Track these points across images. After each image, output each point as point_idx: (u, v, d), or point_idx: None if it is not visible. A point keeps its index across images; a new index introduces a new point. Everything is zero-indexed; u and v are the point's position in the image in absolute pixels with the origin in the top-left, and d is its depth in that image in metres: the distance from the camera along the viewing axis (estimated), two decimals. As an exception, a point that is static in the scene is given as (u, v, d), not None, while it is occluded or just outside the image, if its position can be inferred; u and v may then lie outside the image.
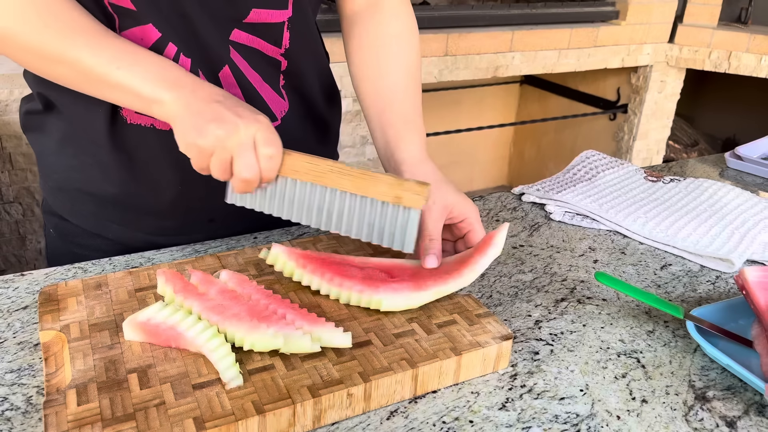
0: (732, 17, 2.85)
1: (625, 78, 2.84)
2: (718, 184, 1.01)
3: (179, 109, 0.59)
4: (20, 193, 1.63)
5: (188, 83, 0.60)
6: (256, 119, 0.58)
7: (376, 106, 0.76)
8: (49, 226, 0.84)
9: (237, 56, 0.71)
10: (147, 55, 0.61)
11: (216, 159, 0.58)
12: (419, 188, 0.58)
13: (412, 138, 0.73)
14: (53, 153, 0.77)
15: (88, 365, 0.52)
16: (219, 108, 0.58)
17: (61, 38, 0.60)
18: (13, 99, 1.54)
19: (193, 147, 0.58)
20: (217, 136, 0.57)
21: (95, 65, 0.60)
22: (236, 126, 0.57)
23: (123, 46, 0.61)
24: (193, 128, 0.58)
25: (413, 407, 0.54)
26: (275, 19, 0.71)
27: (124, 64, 0.60)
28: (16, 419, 0.50)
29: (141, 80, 0.59)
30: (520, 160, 3.48)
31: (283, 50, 0.74)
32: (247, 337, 0.53)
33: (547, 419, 0.54)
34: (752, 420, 0.55)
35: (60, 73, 0.62)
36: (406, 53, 0.77)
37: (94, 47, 0.60)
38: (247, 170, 0.58)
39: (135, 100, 0.61)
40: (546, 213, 0.93)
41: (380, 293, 0.60)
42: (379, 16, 0.78)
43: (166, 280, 0.59)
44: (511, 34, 2.34)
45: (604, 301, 0.71)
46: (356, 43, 0.79)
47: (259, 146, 0.58)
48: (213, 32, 0.68)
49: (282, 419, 0.49)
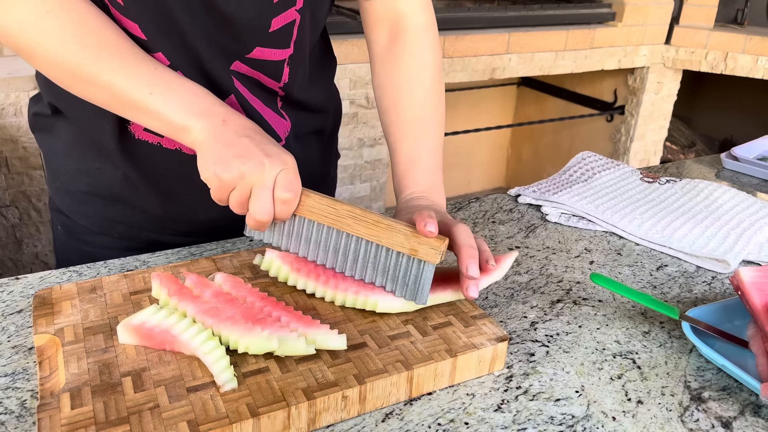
0: (728, 18, 2.86)
1: (621, 79, 2.84)
2: (714, 185, 1.01)
3: (207, 138, 0.59)
4: (17, 196, 1.63)
5: (220, 112, 0.60)
6: (282, 160, 0.58)
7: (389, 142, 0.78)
8: (56, 224, 0.85)
9: (240, 85, 0.71)
10: (181, 81, 0.61)
11: (235, 194, 0.58)
12: (435, 242, 0.58)
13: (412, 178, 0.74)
14: (60, 155, 0.78)
15: (83, 369, 0.52)
16: (248, 143, 0.58)
17: (96, 60, 0.60)
18: (9, 103, 1.54)
19: (214, 179, 0.58)
20: (241, 172, 0.57)
21: (129, 89, 0.60)
22: (261, 165, 0.57)
23: (157, 71, 0.61)
24: (218, 160, 0.58)
25: (408, 409, 0.54)
26: (276, 57, 0.71)
27: (158, 90, 0.60)
28: (10, 423, 0.50)
29: (173, 107, 0.60)
30: (517, 162, 3.48)
31: (282, 84, 0.75)
32: (242, 340, 0.53)
33: (542, 421, 0.54)
34: (748, 420, 0.55)
35: (91, 94, 0.63)
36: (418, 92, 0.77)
37: (129, 71, 0.60)
38: (261, 212, 0.58)
39: (165, 127, 0.61)
40: (542, 214, 0.93)
41: (376, 295, 0.60)
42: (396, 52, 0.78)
43: (161, 284, 0.59)
44: (507, 36, 2.35)
45: (599, 303, 0.71)
46: (376, 82, 0.80)
47: (278, 189, 0.58)
48: (216, 65, 0.68)
49: (277, 422, 0.49)
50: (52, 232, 0.88)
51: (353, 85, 2.07)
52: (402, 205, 0.73)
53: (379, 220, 0.59)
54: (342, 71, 2.01)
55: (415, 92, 0.77)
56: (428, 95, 0.77)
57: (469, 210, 0.94)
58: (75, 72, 0.61)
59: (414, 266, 0.59)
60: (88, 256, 0.78)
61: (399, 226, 0.59)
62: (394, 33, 0.78)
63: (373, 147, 2.24)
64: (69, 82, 0.63)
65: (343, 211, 0.60)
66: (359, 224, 0.59)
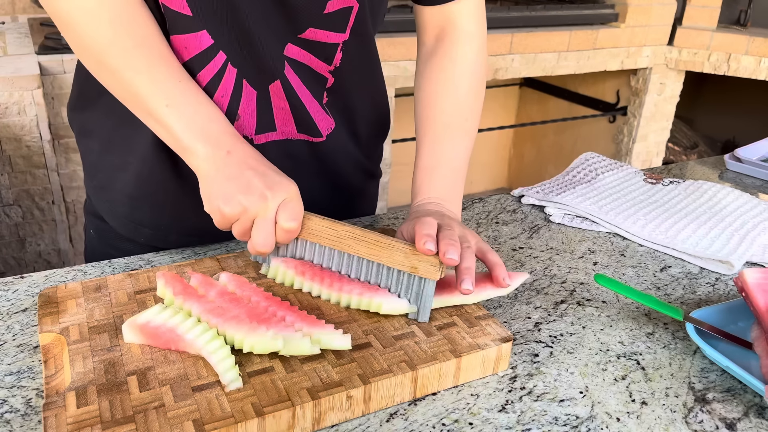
0: (731, 19, 2.86)
1: (624, 80, 2.84)
2: (717, 186, 1.01)
3: (210, 169, 0.59)
4: (20, 195, 1.63)
5: (226, 143, 0.60)
6: (285, 189, 0.59)
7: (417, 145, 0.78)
8: (90, 227, 0.85)
9: (289, 71, 0.71)
10: (200, 100, 0.61)
11: (238, 225, 0.60)
12: (434, 259, 0.59)
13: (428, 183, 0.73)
14: (97, 153, 0.77)
15: (88, 368, 0.52)
16: (251, 176, 0.59)
17: (124, 55, 0.60)
18: (13, 101, 1.54)
19: (217, 213, 0.59)
20: (244, 206, 0.58)
21: (147, 95, 0.60)
22: (264, 198, 0.58)
23: (180, 84, 0.61)
24: (222, 195, 0.58)
25: (413, 409, 0.54)
26: (331, 40, 0.71)
27: (174, 104, 0.60)
28: (16, 421, 0.50)
29: (183, 126, 0.60)
30: (519, 163, 3.48)
31: (332, 68, 0.74)
32: (247, 339, 0.53)
33: (546, 421, 0.54)
34: (752, 422, 0.55)
35: (112, 86, 0.63)
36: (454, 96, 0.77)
37: (152, 76, 0.60)
38: (263, 244, 0.59)
39: (173, 142, 0.61)
40: (545, 215, 0.93)
41: (380, 296, 0.60)
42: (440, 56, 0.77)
43: (166, 283, 0.59)
44: (510, 36, 2.35)
45: (603, 303, 0.71)
46: (417, 83, 0.80)
47: (280, 219, 0.59)
48: (267, 45, 0.68)
49: (281, 421, 0.49)
50: (84, 236, 0.88)
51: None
52: (414, 208, 0.72)
53: (378, 239, 0.61)
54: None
55: (449, 98, 0.77)
56: (462, 103, 0.77)
57: (473, 210, 0.94)
58: (101, 59, 0.61)
59: (415, 283, 0.60)
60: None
61: (398, 245, 0.60)
62: (441, 37, 0.78)
63: (376, 147, 2.23)
64: (94, 67, 0.63)
65: (343, 233, 0.61)
66: (359, 244, 0.61)
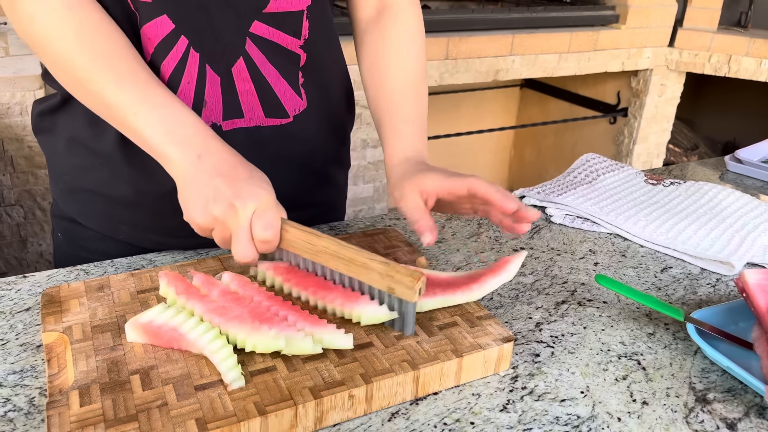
0: (732, 21, 2.86)
1: (625, 82, 2.84)
2: (718, 188, 1.01)
3: (183, 175, 0.60)
4: (22, 195, 1.63)
5: (198, 145, 0.60)
6: (255, 197, 0.58)
7: (376, 112, 0.79)
8: (57, 231, 0.84)
9: (254, 49, 0.70)
10: (170, 103, 0.61)
11: (216, 234, 0.60)
12: (410, 281, 0.56)
13: (396, 140, 0.75)
14: (64, 154, 0.77)
15: (91, 366, 0.52)
16: (219, 184, 0.58)
17: (93, 69, 0.60)
18: (15, 102, 1.55)
19: (192, 222, 0.60)
20: (215, 216, 0.58)
21: (116, 105, 0.60)
22: (233, 208, 0.57)
23: (148, 90, 0.61)
24: (193, 204, 0.59)
25: (414, 409, 0.54)
26: (294, 7, 0.71)
27: (143, 110, 0.60)
28: (19, 420, 0.51)
29: (153, 131, 0.60)
30: (520, 164, 3.48)
31: (302, 41, 0.73)
32: (249, 339, 0.54)
33: (547, 421, 0.54)
34: (752, 422, 0.55)
35: (86, 100, 0.63)
36: (406, 59, 0.79)
37: (122, 85, 0.60)
38: (244, 255, 0.59)
39: (148, 149, 0.62)
40: (546, 216, 0.93)
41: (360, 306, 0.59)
42: (383, 23, 0.80)
43: (168, 282, 0.60)
44: (511, 37, 2.35)
45: (604, 304, 0.72)
46: (362, 51, 0.82)
47: (255, 230, 0.58)
48: (231, 24, 0.68)
49: (284, 420, 0.49)
50: (52, 240, 0.88)
51: (356, 86, 2.06)
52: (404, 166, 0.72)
53: (354, 258, 0.58)
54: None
55: (408, 58, 0.79)
56: (419, 61, 0.80)
57: (474, 211, 0.94)
58: (71, 74, 0.61)
59: (395, 300, 0.58)
60: None
61: (374, 264, 0.58)
62: (380, 7, 0.81)
63: (377, 148, 2.24)
64: (67, 82, 0.63)
65: (320, 247, 0.60)
66: (336, 261, 0.60)
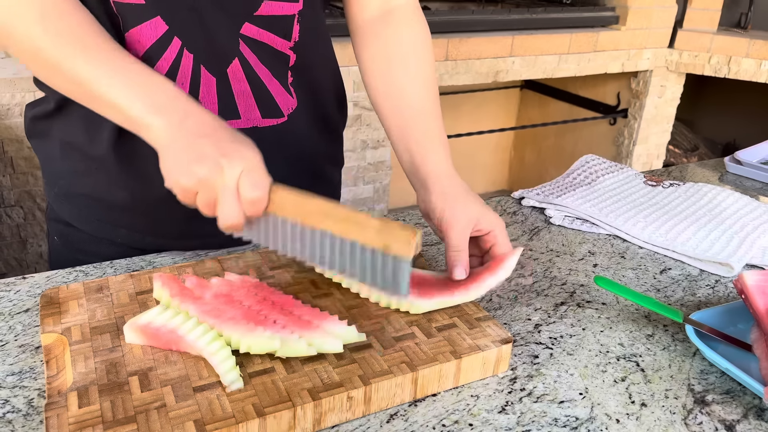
0: (732, 22, 2.86)
1: (625, 83, 2.85)
2: (717, 189, 1.01)
3: (165, 140, 0.57)
4: (21, 196, 1.64)
5: (179, 109, 0.57)
6: (242, 156, 0.55)
7: (397, 123, 0.74)
8: (53, 234, 0.83)
9: (246, 50, 0.70)
10: (143, 73, 0.59)
11: (200, 198, 0.56)
12: (408, 236, 0.54)
13: (436, 153, 0.71)
14: (58, 158, 0.76)
15: (89, 368, 0.52)
16: (205, 144, 0.55)
17: (59, 46, 0.58)
18: (15, 103, 1.55)
19: (176, 186, 0.56)
20: (200, 177, 0.54)
21: (89, 80, 0.58)
22: (219, 167, 0.54)
23: (120, 63, 0.59)
24: (176, 166, 0.55)
25: (413, 410, 0.54)
26: (286, 11, 0.70)
27: (117, 82, 0.57)
28: (18, 422, 0.51)
29: (131, 101, 0.57)
30: (520, 165, 3.48)
31: (292, 43, 0.73)
32: (244, 340, 0.54)
33: (546, 422, 0.54)
34: (751, 424, 0.55)
35: (57, 82, 0.61)
36: (423, 66, 0.76)
37: (91, 60, 0.58)
38: (229, 217, 0.55)
39: (127, 122, 0.59)
40: (546, 217, 0.93)
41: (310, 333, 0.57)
42: (394, 25, 0.76)
43: (163, 284, 0.60)
44: (511, 38, 2.35)
45: (603, 305, 0.72)
46: (370, 55, 0.77)
47: (243, 190, 0.54)
48: (223, 26, 0.68)
49: (282, 422, 0.49)
50: (48, 243, 0.86)
51: (356, 87, 2.08)
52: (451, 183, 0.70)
53: (348, 216, 0.56)
54: (345, 73, 2.00)
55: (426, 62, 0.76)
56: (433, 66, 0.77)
57: (473, 212, 0.94)
58: (39, 57, 0.59)
59: (389, 261, 0.55)
60: None
61: (371, 222, 0.55)
62: (386, 7, 0.77)
63: (377, 149, 2.24)
64: (36, 68, 0.61)
65: (312, 207, 0.57)
66: (329, 220, 0.56)
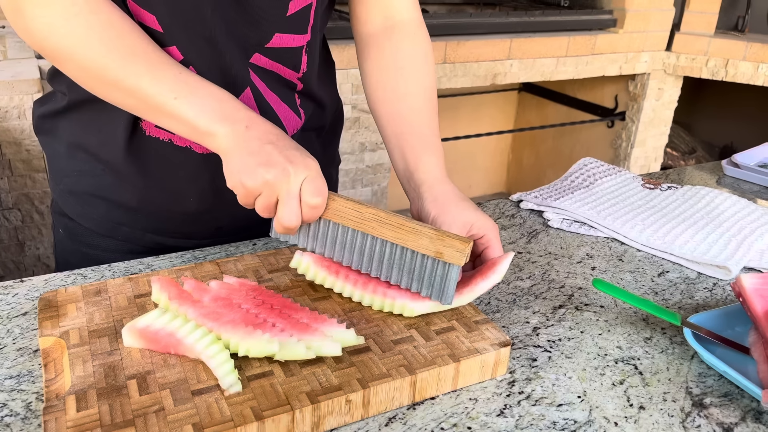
0: (729, 25, 2.87)
1: (622, 85, 2.85)
2: (715, 192, 1.01)
3: (231, 145, 0.60)
4: (19, 199, 1.63)
5: (243, 118, 0.61)
6: (306, 165, 0.58)
7: (394, 128, 0.76)
8: (58, 226, 0.85)
9: (257, 79, 0.72)
10: (205, 86, 0.62)
11: (261, 200, 0.59)
12: (461, 245, 0.59)
13: (430, 159, 0.73)
14: (64, 157, 0.78)
15: (88, 371, 0.52)
16: (271, 150, 0.58)
17: (123, 65, 0.61)
18: (13, 105, 1.55)
19: (240, 187, 0.59)
20: (266, 180, 0.57)
21: (154, 94, 0.61)
22: (286, 173, 0.57)
23: (181, 76, 0.62)
24: (243, 169, 0.58)
25: (411, 414, 0.54)
26: (296, 43, 0.72)
27: (182, 95, 0.60)
28: (16, 425, 0.50)
29: (197, 112, 0.60)
30: (518, 167, 3.49)
31: (300, 74, 0.75)
32: (242, 343, 0.54)
33: (545, 426, 0.54)
34: (749, 427, 0.55)
35: (118, 98, 0.63)
36: (422, 76, 0.78)
37: (154, 75, 0.61)
38: (289, 219, 0.59)
39: (190, 132, 0.61)
40: (544, 220, 0.93)
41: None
42: (396, 38, 0.78)
43: (161, 287, 0.59)
44: (509, 41, 2.35)
45: (601, 308, 0.72)
46: (372, 65, 0.79)
47: (305, 195, 0.58)
48: (235, 56, 0.69)
49: (281, 425, 0.49)
50: (53, 235, 0.88)
51: (355, 90, 2.08)
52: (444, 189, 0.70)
53: (403, 223, 0.60)
54: (344, 76, 2.01)
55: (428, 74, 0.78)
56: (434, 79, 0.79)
57: (472, 215, 0.94)
58: (101, 75, 0.61)
59: (439, 268, 0.60)
60: (90, 259, 0.78)
61: (424, 230, 0.60)
62: (389, 23, 0.79)
63: (375, 151, 2.24)
64: (96, 86, 0.63)
65: (368, 215, 0.61)
66: (384, 227, 0.60)
